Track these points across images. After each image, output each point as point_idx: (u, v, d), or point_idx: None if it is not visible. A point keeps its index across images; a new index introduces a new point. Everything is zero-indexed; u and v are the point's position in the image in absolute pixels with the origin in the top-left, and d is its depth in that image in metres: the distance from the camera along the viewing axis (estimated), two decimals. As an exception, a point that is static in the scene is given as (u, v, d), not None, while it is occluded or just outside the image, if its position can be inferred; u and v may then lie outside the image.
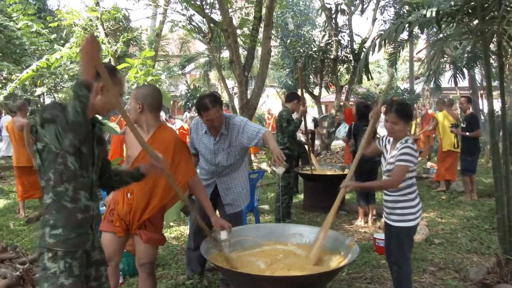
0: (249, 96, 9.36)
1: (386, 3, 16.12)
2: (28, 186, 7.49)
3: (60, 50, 10.20)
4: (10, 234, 6.45)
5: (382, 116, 5.88)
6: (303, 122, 6.76)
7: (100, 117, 2.65)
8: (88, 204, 2.40)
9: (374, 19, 15.64)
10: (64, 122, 2.12)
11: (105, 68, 2.42)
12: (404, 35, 6.96)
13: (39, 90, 11.68)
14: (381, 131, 4.70)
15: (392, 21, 14.87)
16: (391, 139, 3.68)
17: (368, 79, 6.44)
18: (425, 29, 5.64)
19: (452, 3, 5.39)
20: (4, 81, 11.29)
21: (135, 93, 3.32)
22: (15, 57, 14.26)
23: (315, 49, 15.76)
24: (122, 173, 2.78)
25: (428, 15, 5.32)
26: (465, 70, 13.66)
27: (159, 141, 3.27)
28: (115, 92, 2.39)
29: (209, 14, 10.41)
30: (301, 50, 15.75)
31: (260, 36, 10.46)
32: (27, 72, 9.70)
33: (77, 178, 2.33)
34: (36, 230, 6.60)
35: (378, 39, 5.23)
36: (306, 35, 17.42)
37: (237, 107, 10.42)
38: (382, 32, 5.89)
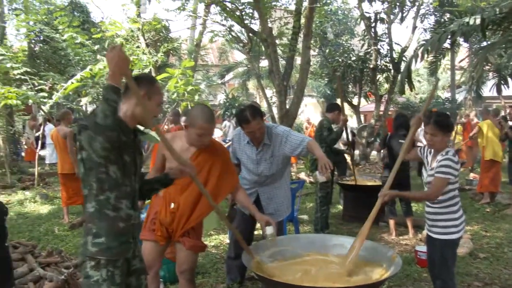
0: (288, 106, 9.37)
1: (427, 11, 15.90)
2: (72, 192, 7.68)
3: (103, 60, 10.45)
4: (55, 239, 6.62)
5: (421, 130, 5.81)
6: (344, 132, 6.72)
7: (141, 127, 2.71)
8: (129, 213, 2.43)
9: (414, 28, 15.44)
10: (94, 125, 2.16)
11: (144, 79, 2.50)
12: (446, 44, 6.86)
13: (84, 100, 11.99)
14: (423, 140, 4.62)
15: (432, 29, 14.65)
16: (432, 150, 3.63)
17: (411, 90, 6.33)
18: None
19: (497, 9, 5.26)
20: (49, 90, 11.63)
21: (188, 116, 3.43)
22: (60, 67, 14.75)
23: (354, 58, 15.67)
24: (151, 181, 2.80)
25: (471, 22, 5.21)
26: (509, 79, 13.32)
27: (207, 151, 3.36)
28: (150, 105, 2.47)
29: (249, 24, 10.49)
30: (340, 60, 15.68)
31: (299, 45, 10.48)
32: (71, 82, 9.98)
33: (119, 187, 2.37)
34: (79, 235, 6.76)
35: (421, 49, 5.15)
36: (345, 44, 17.33)
37: (276, 116, 10.43)
38: (424, 42, 5.81)
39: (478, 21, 5.12)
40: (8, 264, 3.17)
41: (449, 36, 5.47)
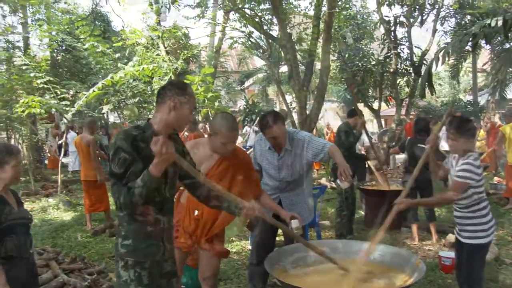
0: (308, 111, 9.34)
1: (447, 13, 15.74)
2: (95, 199, 7.75)
3: (123, 69, 10.56)
4: (78, 245, 6.68)
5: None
6: (365, 136, 6.68)
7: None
8: (158, 218, 2.50)
9: (434, 30, 15.28)
10: (128, 201, 2.31)
11: (176, 86, 2.52)
12: (467, 47, 6.76)
13: (105, 108, 12.15)
14: (444, 145, 4.56)
15: (453, 31, 14.49)
16: (456, 155, 3.59)
17: (432, 93, 6.25)
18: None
19: (520, 11, 5.18)
20: (71, 99, 11.80)
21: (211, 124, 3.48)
22: (82, 76, 14.96)
23: (374, 62, 15.57)
24: (222, 202, 2.82)
25: (493, 24, 5.14)
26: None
27: (230, 158, 3.39)
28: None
29: (268, 30, 10.51)
30: (360, 64, 15.60)
31: (319, 50, 10.46)
32: (93, 91, 10.12)
33: (148, 198, 2.41)
34: (102, 242, 6.82)
35: (442, 52, 5.10)
36: (365, 48, 17.25)
37: (296, 122, 10.42)
38: (445, 45, 5.74)
39: (500, 23, 5.04)
40: (33, 271, 3.21)
41: (470, 39, 5.40)
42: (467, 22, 13.02)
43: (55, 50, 15.58)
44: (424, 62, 14.16)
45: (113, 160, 2.35)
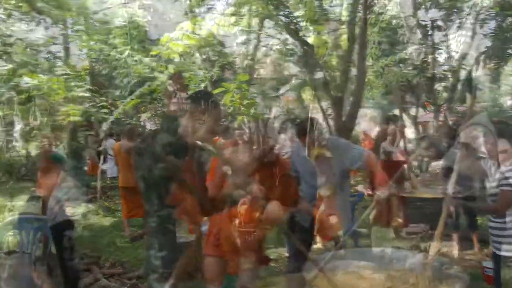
0: (344, 118, 9.27)
1: (486, 16, 15.37)
2: (132, 205, 7.81)
3: (161, 76, 10.70)
4: (117, 250, 6.79)
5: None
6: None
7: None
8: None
9: (474, 34, 14.95)
10: (153, 154, 2.31)
11: (200, 95, 2.53)
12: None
13: (143, 116, 12.34)
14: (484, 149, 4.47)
15: (493, 34, 14.15)
16: (495, 161, 3.49)
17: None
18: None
19: None
20: (109, 107, 12.03)
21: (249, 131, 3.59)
22: (119, 84, 15.26)
23: (411, 67, 15.34)
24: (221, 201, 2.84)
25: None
26: None
27: (269, 165, 3.47)
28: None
29: (303, 37, 10.49)
30: (396, 69, 15.39)
31: (354, 56, 10.38)
32: (131, 99, 10.30)
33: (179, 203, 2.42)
34: (140, 248, 6.90)
35: (482, 56, 4.98)
36: (401, 53, 17.02)
37: (332, 128, 10.35)
38: (485, 48, 5.62)
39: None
40: (75, 274, 3.28)
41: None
42: (509, 24, 12.69)
43: (94, 59, 15.94)
44: (463, 66, 13.88)
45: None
